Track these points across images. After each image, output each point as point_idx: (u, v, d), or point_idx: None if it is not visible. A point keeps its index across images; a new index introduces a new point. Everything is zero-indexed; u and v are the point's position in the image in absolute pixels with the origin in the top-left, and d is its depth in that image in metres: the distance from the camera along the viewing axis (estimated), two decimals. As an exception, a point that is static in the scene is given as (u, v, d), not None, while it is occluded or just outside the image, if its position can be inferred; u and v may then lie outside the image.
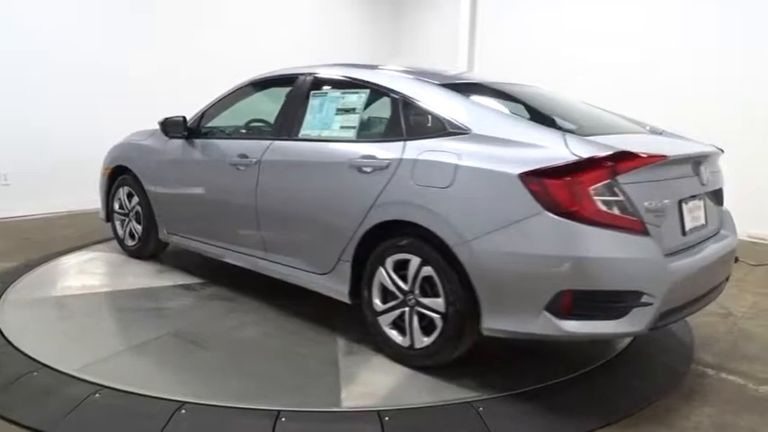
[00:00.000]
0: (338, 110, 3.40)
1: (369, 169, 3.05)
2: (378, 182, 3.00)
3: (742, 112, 6.20)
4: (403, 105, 3.14)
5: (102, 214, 5.24)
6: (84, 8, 6.84)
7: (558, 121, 3.26)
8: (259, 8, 8.29)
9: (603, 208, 2.45)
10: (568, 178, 2.45)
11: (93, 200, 6.79)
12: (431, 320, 2.83)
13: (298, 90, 3.70)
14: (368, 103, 3.35)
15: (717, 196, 3.16)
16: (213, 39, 7.81)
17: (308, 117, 3.55)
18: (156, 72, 7.33)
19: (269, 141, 3.69)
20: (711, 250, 2.92)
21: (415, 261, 2.86)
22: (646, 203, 2.53)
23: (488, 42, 8.70)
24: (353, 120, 3.31)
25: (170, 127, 4.29)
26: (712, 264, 2.89)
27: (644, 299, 2.46)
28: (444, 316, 2.77)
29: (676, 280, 2.56)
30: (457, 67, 8.52)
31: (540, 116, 3.24)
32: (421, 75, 3.35)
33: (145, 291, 4.17)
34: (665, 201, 2.64)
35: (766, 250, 5.85)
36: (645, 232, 2.51)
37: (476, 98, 3.13)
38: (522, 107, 3.32)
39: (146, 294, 4.10)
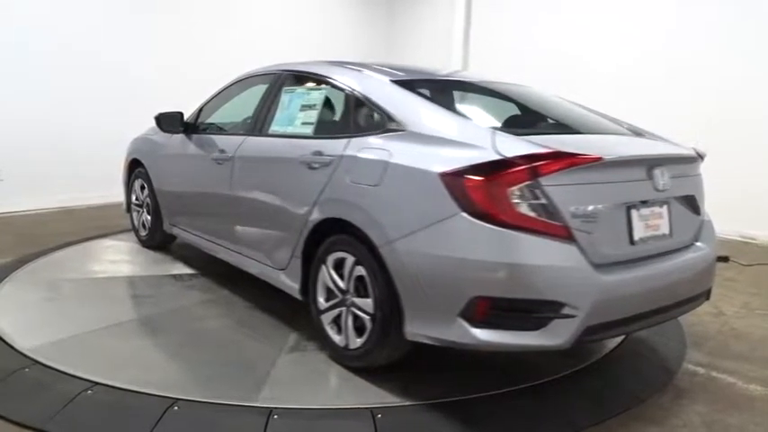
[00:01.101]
0: (302, 106, 3.44)
1: (316, 165, 3.04)
2: (322, 178, 2.98)
3: (737, 115, 6.23)
4: (354, 102, 3.12)
5: (125, 205, 5.42)
6: (84, 6, 6.83)
7: (514, 119, 3.25)
8: (258, 8, 8.35)
9: (522, 211, 2.30)
10: (486, 179, 2.34)
11: (88, 196, 6.87)
12: (363, 321, 2.79)
13: (272, 87, 3.76)
14: (327, 100, 3.36)
15: (690, 204, 2.93)
16: (212, 38, 7.85)
17: (277, 113, 3.61)
18: (156, 70, 7.35)
19: (244, 137, 3.76)
20: (675, 263, 2.72)
21: (350, 260, 2.82)
22: (572, 208, 2.36)
23: (483, 41, 8.71)
24: (313, 116, 3.34)
25: (165, 122, 4.35)
26: (675, 278, 2.71)
27: (565, 310, 2.30)
28: (373, 317, 2.70)
29: (608, 292, 2.39)
30: (451, 67, 8.53)
31: (500, 114, 3.22)
32: (378, 71, 3.28)
33: (135, 278, 4.38)
34: (600, 206, 2.44)
35: (758, 250, 5.89)
36: (569, 239, 2.34)
37: (425, 95, 3.00)
38: (487, 105, 3.34)
39: (134, 282, 4.31)
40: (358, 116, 3.09)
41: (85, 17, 6.83)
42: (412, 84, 3.10)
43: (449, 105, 3.19)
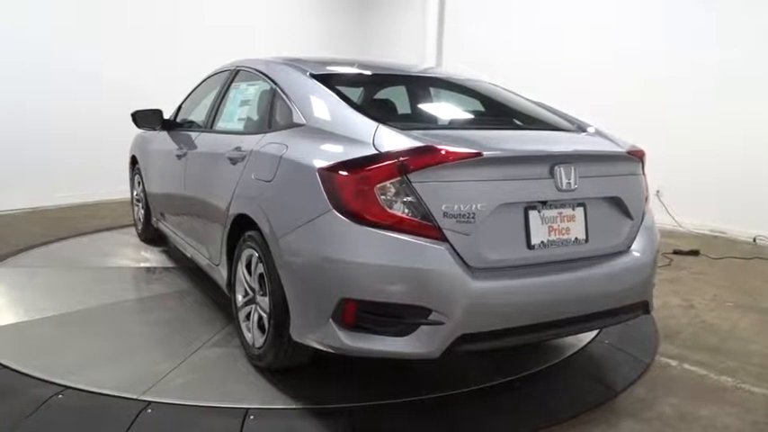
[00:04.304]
0: (241, 102, 3.47)
1: (236, 160, 3.01)
2: (237, 173, 2.95)
3: (708, 112, 6.35)
4: (275, 97, 3.05)
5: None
6: (56, 7, 6.73)
7: (421, 113, 3.36)
8: (230, 10, 8.34)
9: (389, 209, 2.18)
10: (353, 174, 2.24)
11: (59, 196, 6.75)
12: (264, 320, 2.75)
13: (224, 83, 3.77)
14: (259, 95, 3.33)
15: (618, 207, 2.65)
16: (187, 41, 7.80)
17: (224, 110, 3.65)
18: (129, 71, 7.27)
19: (198, 133, 3.79)
20: (590, 272, 2.50)
21: (255, 256, 2.76)
22: (444, 207, 2.19)
23: (456, 43, 8.75)
24: (246, 111, 3.36)
25: (141, 119, 4.32)
26: (588, 288, 2.49)
27: (433, 317, 2.17)
28: (269, 316, 2.64)
29: (485, 300, 2.23)
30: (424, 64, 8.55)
31: (418, 109, 3.33)
32: (307, 65, 3.15)
33: (108, 269, 4.55)
34: (480, 205, 2.24)
35: (726, 244, 6.01)
36: (440, 240, 2.19)
37: (337, 90, 2.80)
38: (414, 99, 3.41)
39: (104, 273, 4.45)
40: (276, 111, 3.02)
41: (57, 18, 6.73)
42: (331, 78, 2.98)
43: (358, 100, 3.08)
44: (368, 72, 3.46)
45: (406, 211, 2.20)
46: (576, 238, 2.51)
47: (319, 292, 2.33)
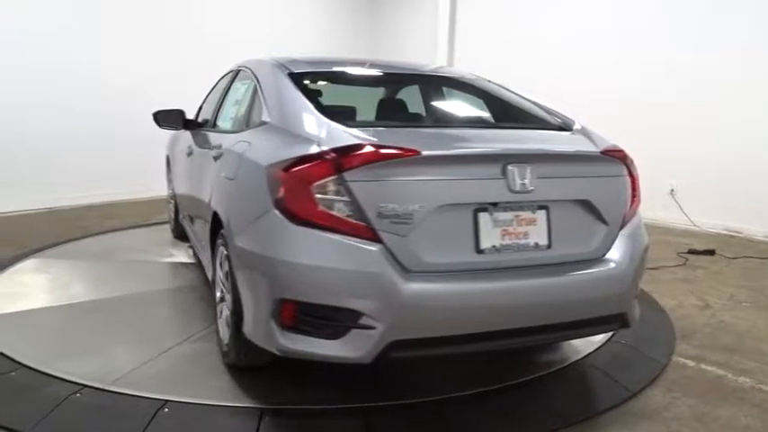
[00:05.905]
0: (235, 101, 3.54)
1: (216, 159, 3.04)
2: (216, 172, 2.99)
3: (727, 112, 6.29)
4: (255, 95, 3.07)
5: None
6: (57, 11, 6.79)
7: (384, 111, 3.37)
8: (235, 9, 8.37)
9: (322, 208, 2.13)
10: (292, 172, 2.21)
11: (74, 197, 6.81)
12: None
13: (228, 83, 3.83)
14: (246, 94, 3.34)
15: (591, 211, 2.47)
16: (188, 43, 7.82)
17: (223, 108, 3.72)
18: (130, 75, 7.32)
19: (205, 132, 3.84)
20: (549, 280, 2.33)
21: (224, 254, 2.74)
22: (379, 206, 2.12)
23: (468, 40, 8.73)
24: (236, 110, 3.41)
25: (162, 119, 4.32)
26: (546, 296, 2.33)
27: (364, 321, 2.12)
28: (231, 314, 2.63)
29: (421, 305, 2.14)
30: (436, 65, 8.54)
31: (385, 106, 3.36)
32: (292, 64, 3.10)
33: (136, 263, 4.74)
34: (418, 206, 2.15)
35: (742, 243, 5.95)
36: (373, 241, 2.13)
37: (306, 89, 2.80)
38: (387, 98, 3.46)
39: (132, 265, 4.66)
40: (254, 110, 3.03)
41: (57, 21, 6.79)
42: (305, 76, 2.95)
43: (329, 99, 3.03)
44: (352, 71, 3.42)
45: (341, 210, 2.15)
46: (537, 244, 2.36)
47: (261, 292, 2.31)
